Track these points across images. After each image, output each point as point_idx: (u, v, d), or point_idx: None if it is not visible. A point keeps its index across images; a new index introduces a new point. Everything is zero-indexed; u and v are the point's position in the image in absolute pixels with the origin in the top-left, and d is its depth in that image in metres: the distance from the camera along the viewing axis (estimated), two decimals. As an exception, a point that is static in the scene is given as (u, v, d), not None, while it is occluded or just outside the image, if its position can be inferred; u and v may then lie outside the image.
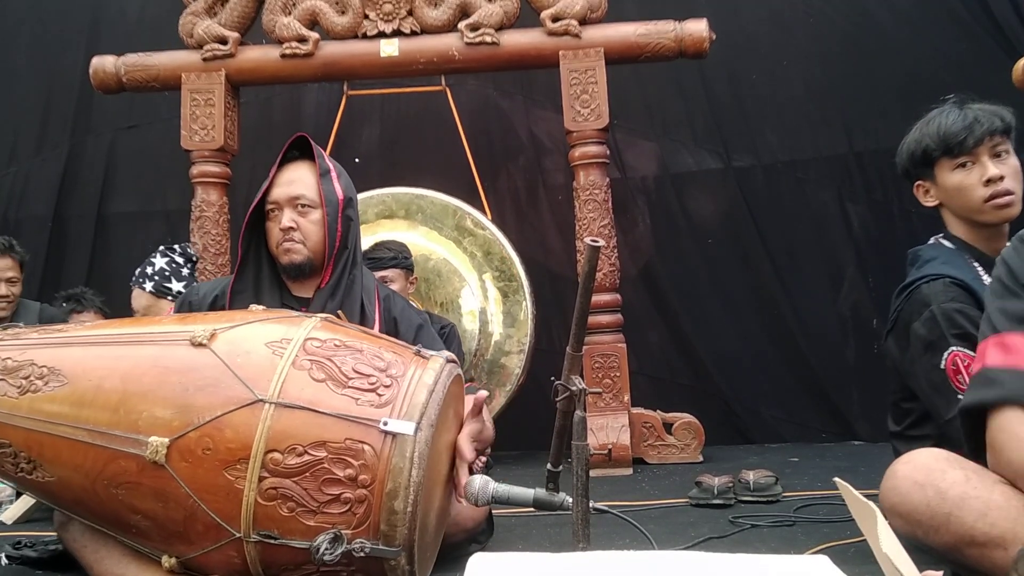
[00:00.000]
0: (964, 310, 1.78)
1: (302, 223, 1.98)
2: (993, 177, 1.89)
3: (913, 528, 1.48)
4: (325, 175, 2.00)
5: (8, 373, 1.52)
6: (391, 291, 2.19)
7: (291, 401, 1.43)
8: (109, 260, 4.60)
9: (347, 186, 2.04)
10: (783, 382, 4.20)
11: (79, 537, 1.62)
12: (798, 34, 4.27)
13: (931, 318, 1.81)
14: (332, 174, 2.02)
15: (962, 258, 1.92)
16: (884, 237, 4.09)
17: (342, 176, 2.05)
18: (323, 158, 2.03)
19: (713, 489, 2.47)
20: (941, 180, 1.97)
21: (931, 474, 1.47)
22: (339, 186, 2.01)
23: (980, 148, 1.91)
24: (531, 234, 4.38)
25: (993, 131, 1.90)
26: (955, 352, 1.77)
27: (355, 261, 2.03)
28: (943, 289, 1.82)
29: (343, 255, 2.00)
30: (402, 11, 3.69)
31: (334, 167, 2.05)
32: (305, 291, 2.03)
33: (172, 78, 3.75)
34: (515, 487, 1.64)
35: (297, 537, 1.40)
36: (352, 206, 2.02)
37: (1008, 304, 1.45)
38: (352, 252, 2.01)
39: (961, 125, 1.91)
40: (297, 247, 1.98)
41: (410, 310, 2.14)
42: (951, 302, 1.80)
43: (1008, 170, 1.90)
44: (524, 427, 3.69)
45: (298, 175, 2.01)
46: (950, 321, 1.78)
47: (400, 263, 3.31)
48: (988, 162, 1.90)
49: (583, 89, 3.58)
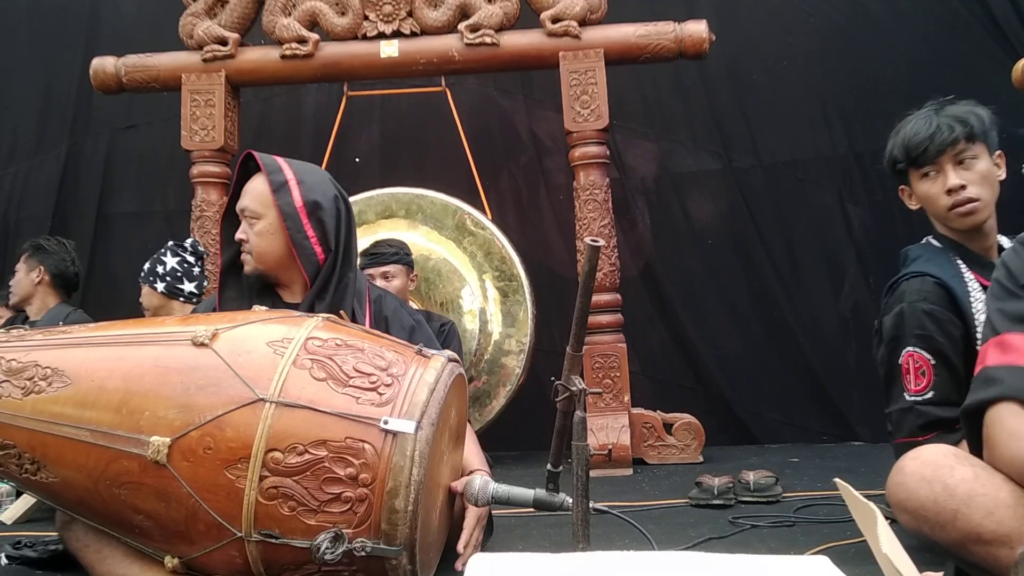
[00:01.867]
0: (933, 312, 1.82)
1: (250, 234, 1.97)
2: (953, 187, 1.91)
3: (920, 524, 1.48)
4: (280, 188, 1.94)
5: (12, 374, 1.52)
6: (383, 292, 2.17)
7: (292, 400, 1.43)
8: (109, 260, 4.61)
9: (314, 190, 1.97)
10: (783, 382, 4.20)
11: (82, 537, 1.62)
12: (798, 34, 4.27)
13: (899, 314, 1.87)
14: (290, 184, 1.95)
15: (946, 256, 1.94)
16: (884, 238, 4.09)
17: (306, 183, 1.97)
18: (280, 171, 1.96)
19: (713, 489, 2.47)
20: (914, 187, 2.02)
21: (939, 470, 1.47)
22: (298, 195, 1.94)
23: (942, 157, 1.93)
24: (532, 234, 4.39)
25: (954, 140, 1.92)
26: (910, 352, 1.83)
27: (347, 263, 1.99)
28: (918, 287, 1.87)
29: (330, 259, 1.96)
30: (402, 12, 3.70)
31: (294, 176, 1.97)
32: (294, 296, 2.02)
33: (172, 79, 3.76)
34: (515, 487, 1.65)
35: (298, 536, 1.40)
36: (322, 209, 1.96)
37: (1007, 305, 1.46)
38: (338, 255, 1.97)
39: (923, 135, 1.94)
40: (247, 257, 1.99)
41: (403, 311, 2.12)
42: (922, 302, 1.84)
43: (973, 176, 1.92)
44: (524, 427, 3.69)
45: (250, 187, 2.00)
46: (916, 320, 1.83)
47: (402, 259, 3.32)
48: (950, 171, 1.93)
49: (583, 90, 3.58)
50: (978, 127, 1.93)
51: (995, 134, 1.98)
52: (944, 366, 1.80)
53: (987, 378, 1.42)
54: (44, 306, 3.61)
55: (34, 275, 3.62)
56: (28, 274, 3.62)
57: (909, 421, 1.83)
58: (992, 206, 1.94)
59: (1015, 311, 1.45)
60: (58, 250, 3.68)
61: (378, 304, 2.07)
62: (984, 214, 1.93)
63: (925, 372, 1.81)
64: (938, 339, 1.81)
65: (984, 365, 1.45)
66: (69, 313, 3.56)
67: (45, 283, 3.63)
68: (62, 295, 3.67)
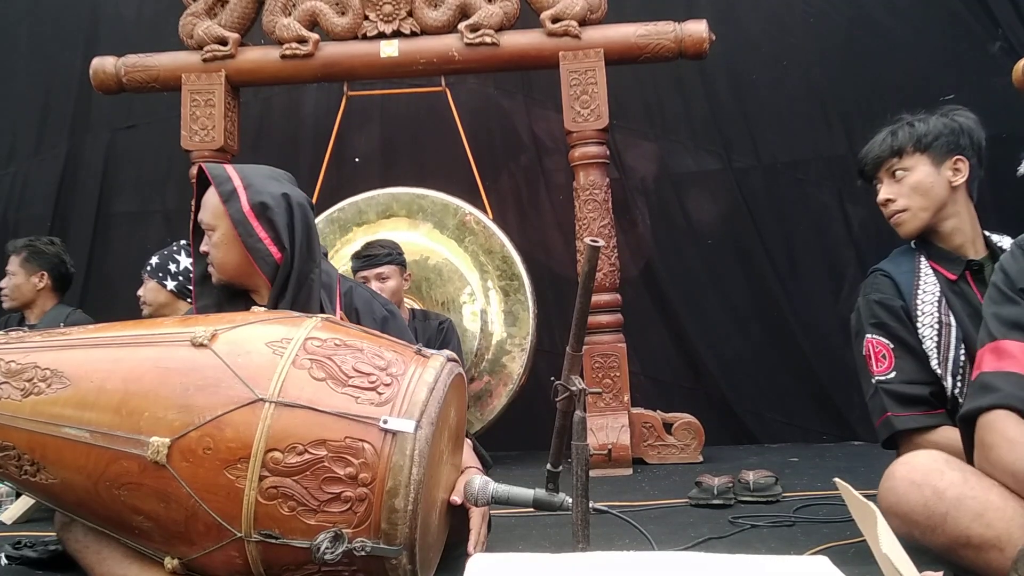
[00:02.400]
0: (883, 301, 1.98)
1: (209, 246, 1.98)
2: (880, 201, 2.08)
3: (910, 528, 1.49)
4: (230, 197, 1.93)
5: (12, 376, 1.52)
6: (354, 284, 2.16)
7: (291, 400, 1.43)
8: (108, 260, 4.60)
9: (261, 192, 1.94)
10: (783, 383, 4.20)
11: (81, 538, 1.62)
12: (798, 34, 4.27)
13: (857, 309, 2.06)
14: (238, 190, 1.94)
15: (909, 255, 2.06)
16: (885, 238, 4.08)
17: (253, 186, 1.95)
18: (228, 181, 1.95)
19: (713, 489, 2.47)
20: None
21: (929, 475, 1.48)
22: (245, 199, 1.93)
23: (880, 172, 2.08)
24: (533, 233, 4.38)
25: (881, 155, 2.06)
26: (869, 339, 1.98)
27: (306, 259, 1.96)
28: (871, 281, 2.05)
29: (286, 256, 1.94)
30: (402, 12, 3.70)
31: (241, 181, 1.95)
32: (263, 300, 2.00)
33: (172, 79, 3.75)
34: (515, 487, 1.65)
35: (298, 536, 1.40)
36: (269, 208, 1.93)
37: (1003, 310, 1.47)
38: (294, 251, 1.94)
39: (865, 152, 2.11)
40: (211, 269, 2.01)
41: (374, 302, 2.11)
42: (873, 293, 2.01)
43: (901, 189, 2.04)
44: (524, 427, 3.69)
45: (205, 201, 2.00)
46: (869, 311, 2.00)
47: (395, 259, 3.33)
48: (883, 186, 2.07)
49: (583, 90, 3.58)
50: (907, 140, 2.03)
51: (958, 139, 2.02)
52: (903, 348, 1.93)
53: (983, 385, 1.44)
54: (43, 309, 3.57)
55: (35, 280, 3.54)
56: (29, 279, 3.54)
57: (878, 400, 1.94)
58: (932, 211, 2.02)
59: (1011, 316, 1.46)
60: (55, 251, 3.62)
61: (348, 296, 2.07)
62: (913, 223, 2.04)
63: (885, 356, 1.94)
64: (891, 324, 1.95)
65: (980, 371, 1.46)
66: (69, 313, 3.53)
67: (47, 287, 3.59)
68: (59, 295, 3.64)
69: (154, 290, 3.12)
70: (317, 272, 1.98)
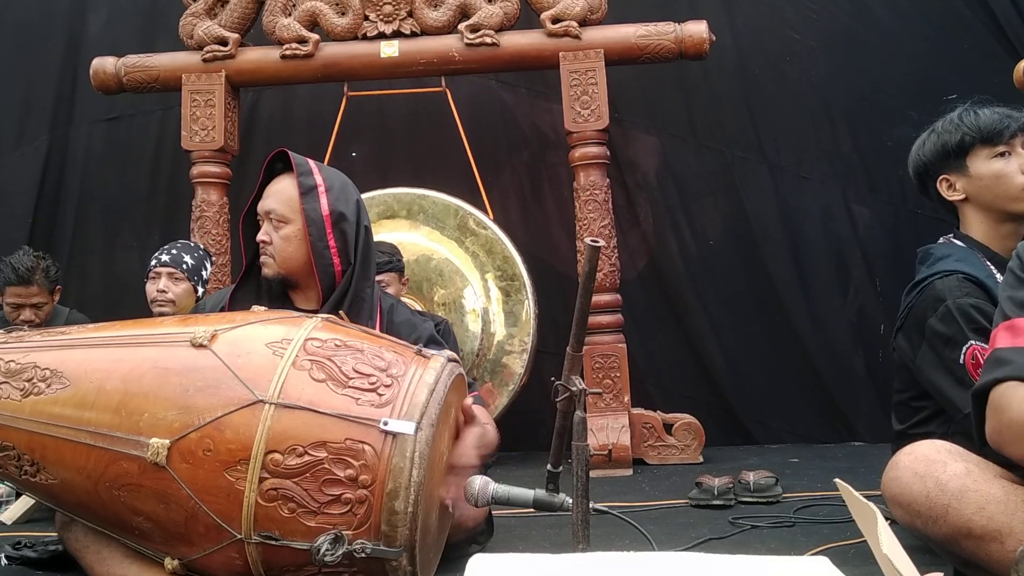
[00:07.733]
0: (979, 305, 1.79)
1: (274, 237, 1.95)
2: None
3: (912, 518, 1.51)
4: (309, 192, 1.92)
5: (11, 376, 1.52)
6: (396, 301, 2.14)
7: (291, 401, 1.43)
8: (89, 256, 4.47)
9: (340, 200, 1.95)
10: (785, 383, 4.18)
11: (81, 539, 1.62)
12: (802, 32, 4.26)
13: (947, 313, 1.81)
14: (319, 189, 1.94)
15: (974, 255, 1.93)
16: (890, 238, 4.08)
17: (334, 190, 1.95)
18: (310, 175, 1.94)
19: (713, 490, 2.47)
20: (975, 170, 1.97)
21: (932, 465, 1.49)
22: (325, 202, 1.93)
23: (1016, 140, 1.95)
24: (536, 232, 4.34)
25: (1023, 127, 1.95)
26: (974, 346, 1.77)
27: (364, 276, 1.97)
28: (958, 284, 1.83)
29: (348, 272, 1.95)
30: (402, 12, 3.70)
31: (324, 181, 1.95)
32: (309, 303, 2.00)
33: (172, 79, 3.75)
34: (515, 488, 1.64)
35: (298, 538, 1.40)
36: (346, 220, 1.94)
37: (1018, 293, 1.48)
38: (356, 267, 1.95)
39: (998, 117, 1.95)
40: (268, 260, 1.97)
41: (415, 319, 2.10)
42: (966, 297, 1.81)
43: None
44: (525, 427, 3.69)
45: (277, 188, 1.98)
46: (966, 316, 1.79)
47: (394, 266, 3.31)
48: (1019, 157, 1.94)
49: (583, 90, 3.58)
50: None
51: None
52: None
53: (997, 359, 1.43)
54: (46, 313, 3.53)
55: (55, 297, 3.41)
56: (52, 298, 3.38)
57: None
58: None
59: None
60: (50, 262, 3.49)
61: (389, 314, 2.05)
62: None
63: None
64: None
65: (995, 347, 1.46)
66: (68, 313, 3.51)
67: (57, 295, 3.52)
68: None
69: (185, 292, 3.00)
70: (369, 291, 1.98)
